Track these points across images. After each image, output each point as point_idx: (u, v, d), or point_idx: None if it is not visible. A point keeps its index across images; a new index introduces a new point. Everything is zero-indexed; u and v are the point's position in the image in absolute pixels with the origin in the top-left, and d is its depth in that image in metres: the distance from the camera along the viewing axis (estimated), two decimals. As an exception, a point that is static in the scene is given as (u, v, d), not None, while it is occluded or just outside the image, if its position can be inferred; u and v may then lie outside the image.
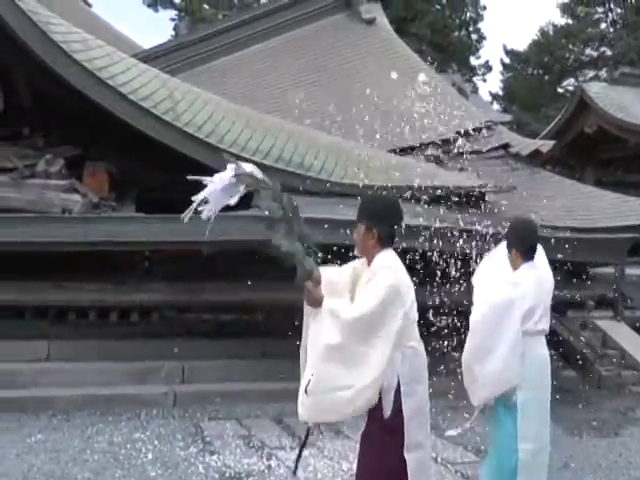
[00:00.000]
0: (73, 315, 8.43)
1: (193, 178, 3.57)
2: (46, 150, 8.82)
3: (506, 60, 42.08)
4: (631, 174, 17.29)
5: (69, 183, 8.62)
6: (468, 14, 39.36)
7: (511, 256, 4.54)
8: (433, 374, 3.81)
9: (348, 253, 4.02)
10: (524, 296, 4.31)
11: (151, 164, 8.71)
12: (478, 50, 40.73)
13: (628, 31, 35.96)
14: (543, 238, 5.30)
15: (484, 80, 43.01)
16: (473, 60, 41.13)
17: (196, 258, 7.85)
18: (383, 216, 3.58)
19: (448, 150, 11.15)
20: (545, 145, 15.14)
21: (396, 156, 10.38)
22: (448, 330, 7.24)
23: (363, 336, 3.30)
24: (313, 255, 3.52)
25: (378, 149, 10.26)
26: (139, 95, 8.40)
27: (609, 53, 37.02)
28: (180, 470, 5.63)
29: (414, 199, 8.45)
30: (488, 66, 42.31)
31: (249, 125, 9.00)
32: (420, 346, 3.58)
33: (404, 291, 3.43)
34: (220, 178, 3.49)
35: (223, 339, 8.47)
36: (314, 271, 3.46)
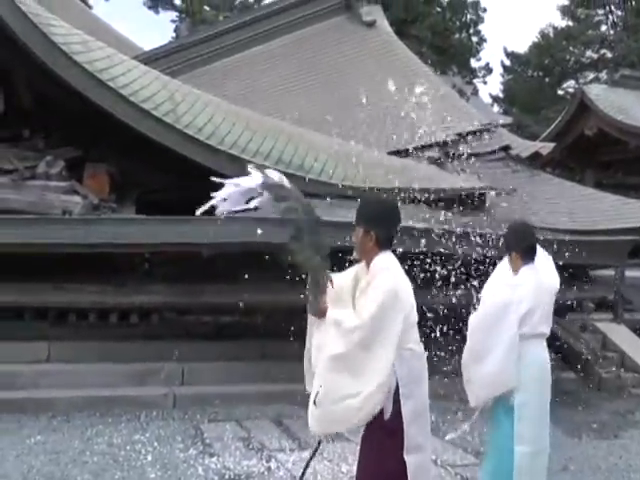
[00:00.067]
0: (73, 317, 8.43)
1: (217, 180, 3.57)
2: (46, 152, 8.84)
3: (506, 62, 42.15)
4: (631, 176, 17.27)
5: (69, 185, 8.63)
6: (468, 16, 39.45)
7: (511, 259, 4.54)
8: (433, 376, 3.80)
9: (348, 256, 4.02)
10: (521, 299, 4.31)
11: (151, 166, 8.72)
12: (478, 52, 40.85)
13: (628, 33, 36.00)
14: (543, 240, 5.30)
15: (484, 82, 43.18)
16: (473, 62, 41.27)
17: (196, 260, 7.85)
18: (381, 219, 3.57)
19: (448, 152, 11.15)
20: (545, 147, 15.12)
21: (396, 158, 10.39)
22: (448, 332, 7.23)
23: (365, 342, 3.30)
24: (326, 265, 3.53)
25: (378, 151, 10.27)
26: (140, 97, 8.41)
27: (609, 55, 37.03)
28: (180, 472, 5.63)
29: (414, 201, 8.45)
30: (488, 68, 42.44)
31: (249, 127, 9.01)
32: (419, 348, 3.57)
33: (403, 294, 3.43)
34: (244, 182, 3.48)
35: (223, 341, 8.47)
36: (326, 284, 3.46)
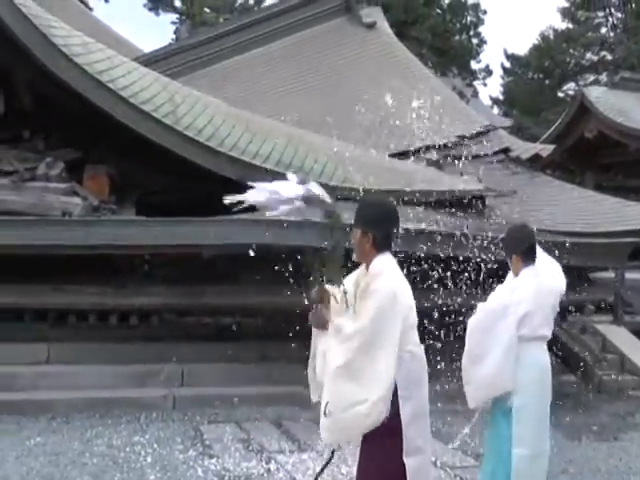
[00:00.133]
0: (73, 318, 8.44)
1: (254, 184, 3.54)
2: (46, 153, 8.85)
3: (506, 64, 42.12)
4: (631, 179, 17.26)
5: (69, 186, 8.64)
6: (469, 18, 39.48)
7: (511, 262, 4.54)
8: (433, 378, 3.80)
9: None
10: (519, 301, 4.29)
11: (151, 167, 8.72)
12: (479, 54, 40.87)
13: (628, 35, 36.01)
14: (543, 242, 5.29)
15: (484, 84, 43.16)
16: (474, 64, 41.28)
17: (196, 261, 7.86)
18: (379, 220, 3.56)
19: (448, 154, 11.17)
20: (545, 149, 15.15)
21: (396, 160, 10.40)
22: (448, 334, 7.23)
23: (366, 347, 3.29)
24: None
25: (378, 153, 10.27)
26: (139, 98, 8.42)
27: (609, 57, 37.04)
28: (179, 473, 5.63)
29: (414, 203, 8.45)
30: (488, 70, 42.41)
31: (249, 129, 9.02)
32: (419, 350, 3.56)
33: (401, 296, 3.42)
34: (284, 190, 3.46)
35: (223, 342, 8.46)
36: (330, 299, 3.46)
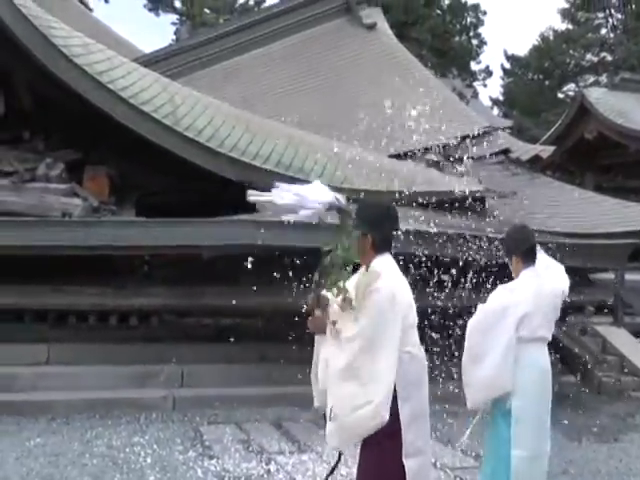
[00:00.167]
0: (73, 319, 8.43)
1: (279, 185, 3.51)
2: (46, 154, 8.85)
3: (506, 65, 42.16)
4: (631, 180, 17.26)
5: (69, 187, 8.64)
6: (469, 19, 39.52)
7: (512, 264, 4.53)
8: (433, 379, 3.80)
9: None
10: (518, 302, 4.28)
11: (151, 168, 8.72)
12: (478, 55, 40.92)
13: (628, 36, 36.03)
14: (543, 243, 5.29)
15: (484, 85, 43.17)
16: (473, 65, 41.32)
17: (196, 262, 7.86)
18: (378, 222, 3.56)
19: (448, 155, 11.17)
20: (545, 150, 15.18)
21: (397, 161, 10.40)
22: (448, 335, 7.23)
23: (367, 348, 3.30)
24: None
25: (379, 154, 10.27)
26: (139, 99, 8.42)
27: (609, 58, 37.05)
28: (179, 474, 5.62)
29: (415, 204, 8.45)
30: (488, 71, 42.43)
31: (249, 129, 9.02)
32: (419, 351, 3.56)
33: (400, 296, 3.42)
34: (311, 195, 3.45)
35: (223, 343, 8.45)
36: (328, 304, 3.46)
